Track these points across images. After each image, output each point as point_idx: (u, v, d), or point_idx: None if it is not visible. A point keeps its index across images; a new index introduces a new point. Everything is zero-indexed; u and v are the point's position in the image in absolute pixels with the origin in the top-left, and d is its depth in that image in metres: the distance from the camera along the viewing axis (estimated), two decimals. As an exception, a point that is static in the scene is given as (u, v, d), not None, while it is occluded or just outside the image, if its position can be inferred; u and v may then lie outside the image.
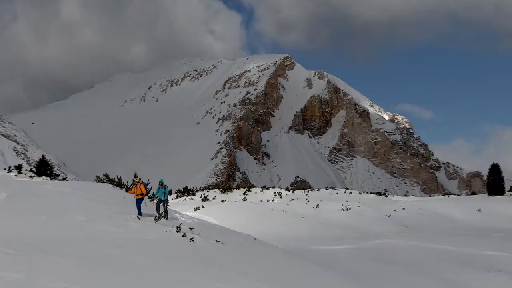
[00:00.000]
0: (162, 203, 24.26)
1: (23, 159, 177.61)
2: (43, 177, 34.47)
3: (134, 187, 24.13)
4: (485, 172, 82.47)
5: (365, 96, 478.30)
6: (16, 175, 34.21)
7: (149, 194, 24.67)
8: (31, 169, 39.27)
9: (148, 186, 24.71)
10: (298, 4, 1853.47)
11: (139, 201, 23.68)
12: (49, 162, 39.55)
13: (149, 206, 24.79)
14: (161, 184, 24.76)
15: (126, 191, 25.99)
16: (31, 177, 34.23)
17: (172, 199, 68.72)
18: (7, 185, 27.94)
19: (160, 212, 24.04)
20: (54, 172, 38.15)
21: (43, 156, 42.95)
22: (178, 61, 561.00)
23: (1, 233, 15.16)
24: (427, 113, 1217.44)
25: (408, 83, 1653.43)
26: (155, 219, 23.39)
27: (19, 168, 37.04)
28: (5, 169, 38.08)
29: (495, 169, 71.10)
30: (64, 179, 37.97)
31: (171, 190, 67.70)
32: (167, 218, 23.75)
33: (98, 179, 38.49)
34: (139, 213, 23.47)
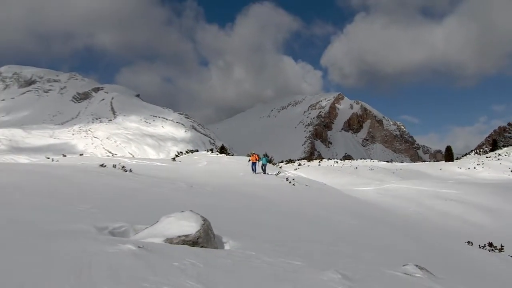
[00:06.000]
0: (264, 166, 23.15)
1: (213, 145, 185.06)
2: (223, 154, 35.54)
3: (251, 156, 23.45)
4: (443, 150, 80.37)
5: (381, 112, 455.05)
6: (210, 153, 35.56)
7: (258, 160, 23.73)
8: (217, 150, 40.68)
9: (265, 158, 23.94)
10: (350, 64, 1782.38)
11: (253, 164, 22.40)
12: (226, 147, 40.69)
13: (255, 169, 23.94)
14: (265, 155, 24.54)
15: (248, 158, 25.57)
16: (217, 154, 35.43)
17: (283, 165, 68.72)
18: (206, 158, 29.17)
19: (265, 170, 23.02)
20: (228, 152, 39.17)
21: (222, 144, 44.32)
22: (286, 96, 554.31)
23: (203, 181, 15.72)
24: (415, 119, 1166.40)
25: (405, 104, 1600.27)
26: (266, 173, 22.77)
27: (211, 150, 38.38)
28: (205, 150, 39.64)
29: (448, 149, 71.32)
30: (232, 155, 38.88)
31: (271, 159, 67.21)
32: (265, 173, 22.55)
33: (248, 155, 39.16)
34: (254, 170, 22.20)
